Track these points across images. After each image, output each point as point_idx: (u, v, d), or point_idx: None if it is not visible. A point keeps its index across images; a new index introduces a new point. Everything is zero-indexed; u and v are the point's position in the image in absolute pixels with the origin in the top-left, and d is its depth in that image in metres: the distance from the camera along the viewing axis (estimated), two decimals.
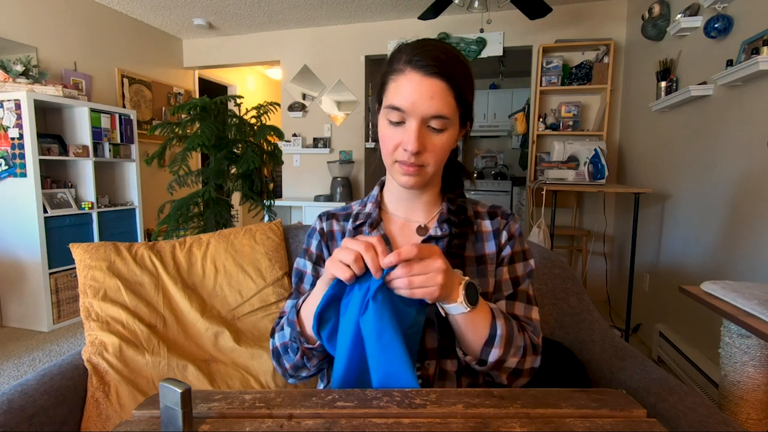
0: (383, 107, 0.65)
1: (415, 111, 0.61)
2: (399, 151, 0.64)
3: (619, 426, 0.52)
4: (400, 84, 0.62)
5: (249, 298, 1.16)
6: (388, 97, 0.64)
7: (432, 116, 0.61)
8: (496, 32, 3.29)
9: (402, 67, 0.62)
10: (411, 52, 0.62)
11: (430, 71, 0.60)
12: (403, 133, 0.63)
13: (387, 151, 0.66)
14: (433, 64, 0.60)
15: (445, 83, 0.60)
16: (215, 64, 4.36)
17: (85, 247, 1.07)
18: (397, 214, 0.75)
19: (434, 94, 0.60)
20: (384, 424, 0.52)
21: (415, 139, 0.61)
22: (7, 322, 2.80)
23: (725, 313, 0.96)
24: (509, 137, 5.51)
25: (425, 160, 0.64)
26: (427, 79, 0.60)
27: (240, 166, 2.26)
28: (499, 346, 0.62)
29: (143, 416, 0.55)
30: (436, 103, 0.60)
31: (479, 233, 0.74)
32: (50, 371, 0.89)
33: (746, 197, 1.71)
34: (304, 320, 0.65)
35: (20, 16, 2.87)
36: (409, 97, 0.61)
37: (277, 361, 0.73)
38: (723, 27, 1.83)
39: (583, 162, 2.51)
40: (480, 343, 0.62)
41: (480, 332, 0.62)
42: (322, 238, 0.78)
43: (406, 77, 0.61)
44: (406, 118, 0.62)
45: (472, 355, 0.64)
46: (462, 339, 0.63)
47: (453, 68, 0.61)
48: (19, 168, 2.59)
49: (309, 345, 0.65)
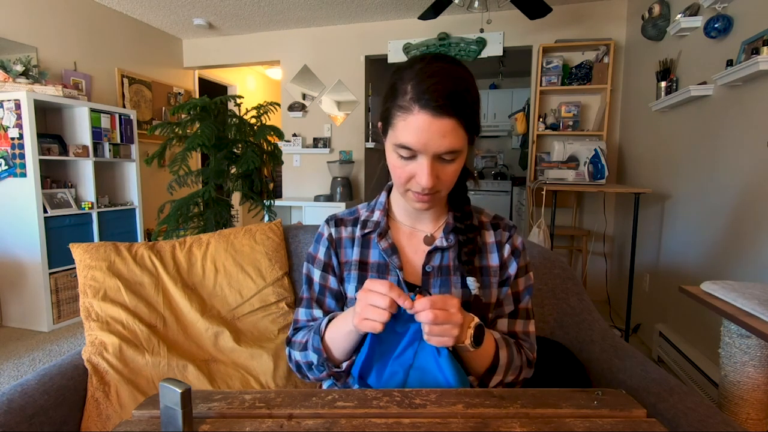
0: (392, 143, 0.62)
1: (427, 150, 0.59)
2: (412, 183, 0.64)
3: (619, 426, 0.52)
4: (409, 123, 0.59)
5: (249, 298, 1.16)
6: (396, 133, 0.61)
7: (444, 152, 0.60)
8: (496, 32, 3.29)
9: (409, 105, 0.59)
10: (417, 87, 0.58)
11: (441, 112, 0.57)
12: (416, 167, 0.62)
13: (399, 182, 0.65)
14: (444, 103, 0.57)
15: (456, 120, 0.58)
16: (215, 64, 4.35)
17: (85, 247, 1.07)
18: (405, 222, 0.76)
19: (446, 133, 0.58)
20: (384, 424, 0.52)
21: (428, 175, 0.60)
22: (7, 322, 2.80)
23: (725, 313, 0.96)
24: (509, 137, 5.51)
25: (438, 188, 0.64)
26: (437, 120, 0.57)
27: (240, 166, 2.26)
28: (500, 373, 0.68)
29: (143, 416, 0.55)
30: (448, 140, 0.59)
31: (483, 245, 0.75)
32: (50, 371, 0.89)
33: (746, 197, 1.71)
34: (330, 347, 0.68)
35: (20, 16, 2.87)
36: (420, 138, 0.59)
37: (299, 371, 0.76)
38: (723, 27, 1.83)
39: (583, 162, 2.51)
40: (482, 371, 0.67)
41: (483, 364, 0.67)
42: (330, 245, 0.77)
43: (415, 117, 0.58)
44: (417, 155, 0.61)
45: (474, 375, 0.68)
46: (467, 365, 0.67)
47: (464, 100, 0.59)
48: (19, 168, 2.59)
49: (338, 369, 0.69)
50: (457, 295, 0.70)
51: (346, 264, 0.76)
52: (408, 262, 0.73)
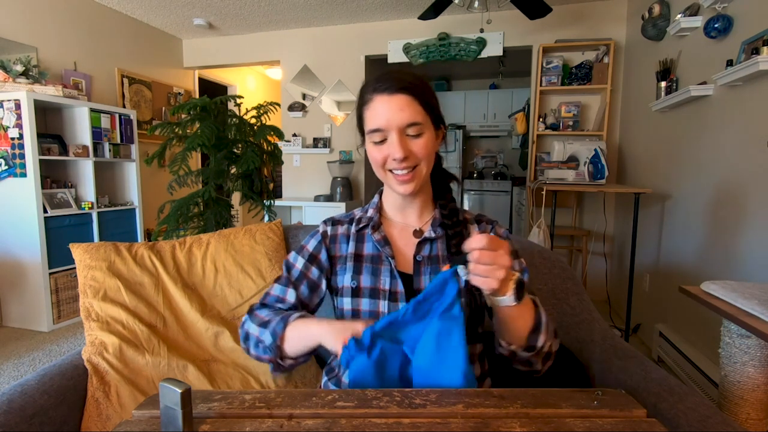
0: (366, 134, 0.74)
1: (391, 125, 0.70)
2: (389, 161, 0.72)
3: (619, 426, 0.52)
4: (371, 109, 0.72)
5: (249, 298, 1.16)
6: (367, 124, 0.73)
7: (407, 124, 0.70)
8: (496, 32, 3.29)
9: (370, 96, 0.72)
10: (374, 82, 0.72)
11: (394, 90, 0.70)
12: (388, 147, 0.71)
13: (378, 165, 0.74)
14: (394, 84, 0.70)
15: (409, 95, 0.70)
16: (215, 64, 4.36)
17: (85, 247, 1.07)
18: (396, 218, 0.81)
19: (403, 107, 0.69)
20: (384, 424, 0.52)
21: (398, 146, 0.69)
22: (7, 322, 2.80)
23: (725, 313, 0.96)
24: (509, 137, 5.51)
25: (414, 162, 0.72)
26: (394, 96, 0.70)
27: (240, 166, 2.26)
28: (544, 332, 0.67)
29: (143, 416, 0.55)
30: (407, 113, 0.69)
31: (469, 235, 0.75)
32: (50, 371, 0.89)
33: (746, 197, 1.71)
34: (287, 339, 0.71)
35: (20, 16, 2.87)
36: (383, 115, 0.70)
37: (245, 341, 0.78)
38: (723, 27, 1.83)
39: (583, 162, 2.51)
40: (527, 331, 0.66)
41: (527, 322, 0.66)
42: (323, 240, 0.83)
43: (375, 102, 0.71)
44: (387, 135, 0.71)
45: (517, 343, 0.67)
46: (508, 328, 0.66)
47: (412, 83, 0.71)
48: (19, 168, 2.59)
49: (281, 362, 0.73)
50: None
51: (340, 258, 0.81)
52: (399, 252, 0.78)
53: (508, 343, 0.68)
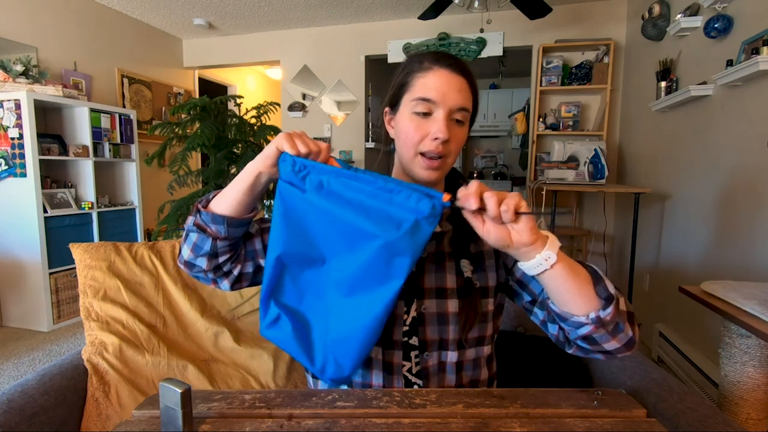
0: (409, 101, 0.68)
1: (444, 102, 0.66)
2: (426, 142, 0.67)
3: (619, 426, 0.52)
4: (429, 79, 0.67)
5: (249, 298, 1.16)
6: (415, 91, 0.68)
7: (458, 108, 0.67)
8: (496, 32, 3.30)
9: (429, 65, 0.68)
10: (434, 55, 0.69)
11: (457, 69, 0.67)
12: (431, 124, 0.66)
13: (411, 143, 0.68)
14: (458, 64, 0.68)
15: (467, 82, 0.68)
16: (215, 64, 4.35)
17: (85, 247, 1.07)
18: None
19: (461, 89, 0.67)
20: (384, 424, 0.52)
21: (445, 127, 0.65)
22: (7, 322, 2.79)
23: (725, 313, 0.96)
24: (509, 137, 5.51)
25: (449, 150, 0.68)
26: (455, 75, 0.67)
27: (240, 166, 2.26)
28: (606, 279, 0.59)
29: (143, 416, 0.55)
30: (463, 96, 0.67)
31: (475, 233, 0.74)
32: (50, 371, 0.89)
33: (746, 197, 1.71)
34: (218, 196, 0.66)
35: (20, 16, 2.87)
36: (440, 89, 0.66)
37: (185, 239, 0.69)
38: (723, 27, 1.83)
39: (583, 162, 2.51)
40: (590, 285, 0.56)
41: (582, 274, 0.57)
42: None
43: (435, 73, 0.67)
44: (434, 110, 0.66)
45: (592, 303, 0.56)
46: (568, 291, 0.56)
47: (471, 73, 0.69)
48: (19, 168, 2.59)
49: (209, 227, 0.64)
50: (451, 280, 0.70)
51: None
52: None
53: (586, 312, 0.55)
